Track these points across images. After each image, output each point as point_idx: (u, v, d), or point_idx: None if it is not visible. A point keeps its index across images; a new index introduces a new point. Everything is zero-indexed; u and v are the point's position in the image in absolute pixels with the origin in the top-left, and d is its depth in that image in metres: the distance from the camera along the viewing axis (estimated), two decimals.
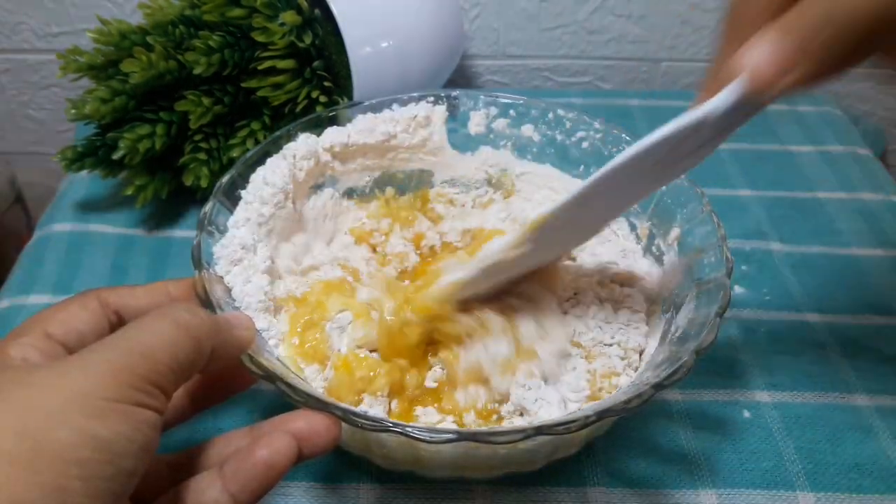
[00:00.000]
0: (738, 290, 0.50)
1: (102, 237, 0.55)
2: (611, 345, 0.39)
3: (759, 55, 0.24)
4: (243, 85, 0.54)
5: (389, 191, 0.49)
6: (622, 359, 0.39)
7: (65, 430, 0.21)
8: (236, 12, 0.53)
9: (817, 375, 0.45)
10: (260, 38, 0.52)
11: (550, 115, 0.47)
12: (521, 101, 0.47)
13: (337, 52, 0.55)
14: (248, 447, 0.27)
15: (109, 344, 0.24)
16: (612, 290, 0.42)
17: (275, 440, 0.27)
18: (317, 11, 0.55)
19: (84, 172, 0.54)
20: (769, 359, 0.46)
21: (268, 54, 0.53)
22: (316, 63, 0.54)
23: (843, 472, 0.40)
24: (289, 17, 0.52)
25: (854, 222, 0.57)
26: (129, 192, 0.54)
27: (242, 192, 0.40)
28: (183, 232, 0.56)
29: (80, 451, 0.21)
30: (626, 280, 0.43)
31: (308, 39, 0.53)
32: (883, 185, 0.61)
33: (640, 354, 0.39)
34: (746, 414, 0.43)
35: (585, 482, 0.39)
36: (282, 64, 0.53)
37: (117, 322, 0.30)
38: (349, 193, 0.48)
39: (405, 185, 0.50)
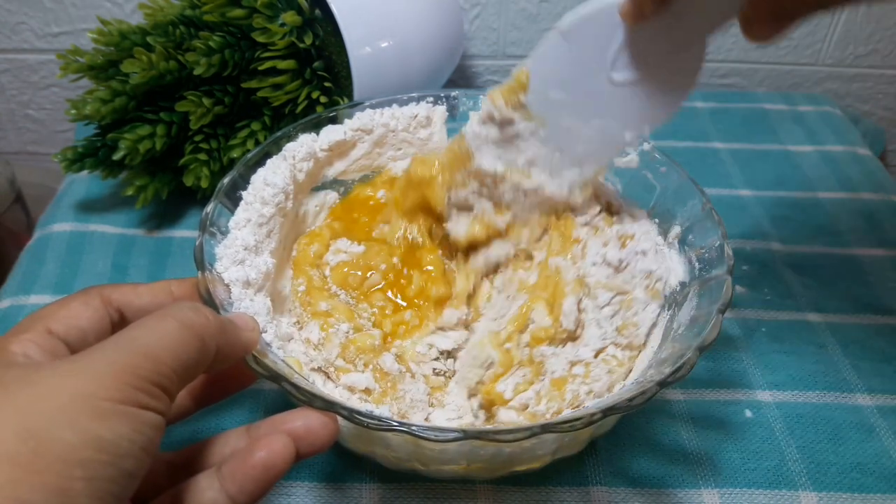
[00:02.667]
0: (738, 289, 0.50)
1: (102, 237, 0.55)
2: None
3: None
4: (244, 85, 0.54)
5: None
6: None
7: (68, 431, 0.21)
8: (236, 12, 0.53)
9: (818, 375, 0.45)
10: (260, 39, 0.52)
11: None
12: None
13: (337, 52, 0.55)
14: (245, 449, 0.27)
15: (114, 344, 0.24)
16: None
17: (272, 442, 0.27)
18: (317, 11, 0.54)
19: (84, 172, 0.54)
20: (770, 358, 0.46)
21: (268, 55, 0.53)
22: (316, 63, 0.54)
23: (845, 471, 0.40)
24: (289, 17, 0.52)
25: (854, 222, 0.57)
26: (130, 192, 0.54)
27: (243, 193, 0.40)
28: (183, 232, 0.56)
29: (82, 452, 0.21)
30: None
31: (308, 40, 0.53)
32: (883, 185, 0.61)
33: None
34: (748, 413, 0.43)
35: (588, 482, 0.39)
36: (282, 64, 0.53)
37: (119, 320, 0.30)
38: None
39: None
